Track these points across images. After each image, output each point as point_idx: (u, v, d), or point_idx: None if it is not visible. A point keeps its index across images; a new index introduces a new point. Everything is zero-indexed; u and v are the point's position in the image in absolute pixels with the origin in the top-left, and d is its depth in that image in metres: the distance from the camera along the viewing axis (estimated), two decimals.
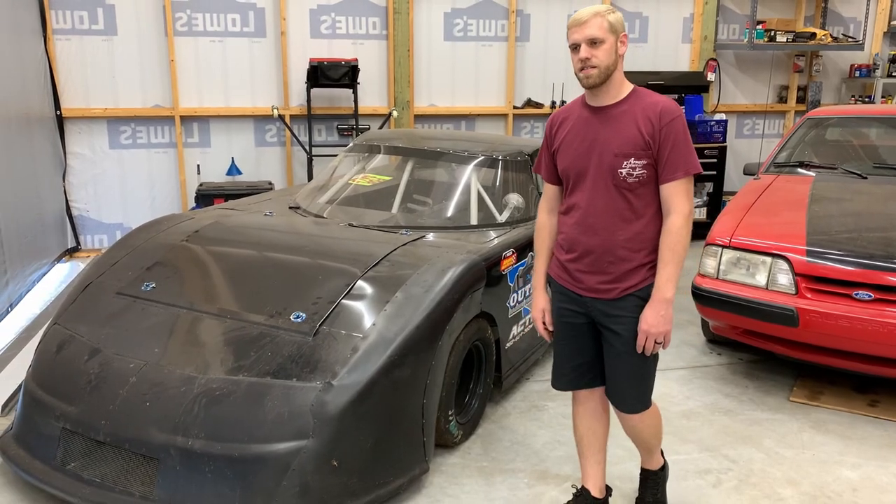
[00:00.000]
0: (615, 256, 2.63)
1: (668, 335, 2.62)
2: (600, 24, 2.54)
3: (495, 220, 4.20)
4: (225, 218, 4.21)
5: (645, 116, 2.56)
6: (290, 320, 3.19)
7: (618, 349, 2.70)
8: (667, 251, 2.57)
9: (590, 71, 2.55)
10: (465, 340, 3.47)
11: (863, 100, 8.73)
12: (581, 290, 2.73)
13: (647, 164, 2.55)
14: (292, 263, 3.63)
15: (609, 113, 2.62)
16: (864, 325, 3.77)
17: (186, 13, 6.98)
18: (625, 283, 2.65)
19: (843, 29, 8.78)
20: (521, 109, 7.94)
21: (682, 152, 2.54)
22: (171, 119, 7.11)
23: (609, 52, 2.54)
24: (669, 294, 2.57)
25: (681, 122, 2.56)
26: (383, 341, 3.05)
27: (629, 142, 2.56)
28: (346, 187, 4.69)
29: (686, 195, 2.57)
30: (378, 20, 7.43)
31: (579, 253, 2.70)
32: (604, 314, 2.70)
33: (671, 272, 2.56)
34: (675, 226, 2.55)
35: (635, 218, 2.61)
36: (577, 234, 2.70)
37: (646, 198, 2.60)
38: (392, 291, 3.28)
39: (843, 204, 4.63)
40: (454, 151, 4.53)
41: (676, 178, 2.55)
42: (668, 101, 2.60)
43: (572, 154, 2.68)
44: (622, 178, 2.57)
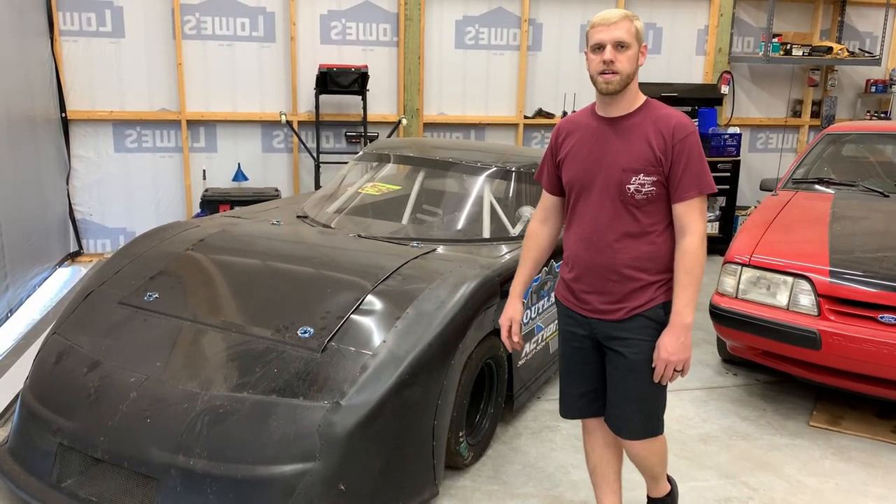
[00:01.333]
0: (619, 275, 2.51)
1: (687, 363, 2.50)
2: (629, 29, 2.43)
3: (508, 234, 4.09)
4: (231, 227, 4.10)
5: (657, 131, 2.44)
6: (297, 335, 3.08)
7: (621, 371, 2.57)
8: (684, 274, 2.44)
9: (611, 77, 2.43)
10: (477, 359, 3.35)
11: (878, 116, 8.61)
12: (586, 312, 2.61)
13: (657, 180, 2.43)
14: (300, 275, 3.52)
15: (620, 125, 2.50)
16: (889, 350, 3.65)
17: (195, 16, 6.89)
18: (631, 302, 2.52)
19: (860, 43, 8.67)
20: (531, 119, 7.84)
21: (696, 170, 2.42)
22: (178, 123, 7.02)
23: (632, 59, 2.44)
24: (689, 319, 2.44)
25: (695, 138, 2.44)
26: (394, 359, 2.93)
27: (639, 157, 2.44)
28: (355, 196, 4.58)
29: (701, 214, 2.45)
30: (389, 27, 7.34)
31: (581, 270, 2.59)
32: (609, 336, 2.58)
33: (690, 296, 2.43)
34: (692, 247, 2.43)
35: (642, 236, 2.49)
36: (580, 250, 2.59)
37: (654, 215, 2.48)
38: (403, 307, 3.16)
39: (865, 223, 4.51)
40: (466, 162, 4.42)
41: (690, 198, 2.43)
42: (682, 115, 2.48)
43: (578, 165, 2.57)
44: (630, 194, 2.44)
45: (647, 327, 2.52)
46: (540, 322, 4.02)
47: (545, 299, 4.05)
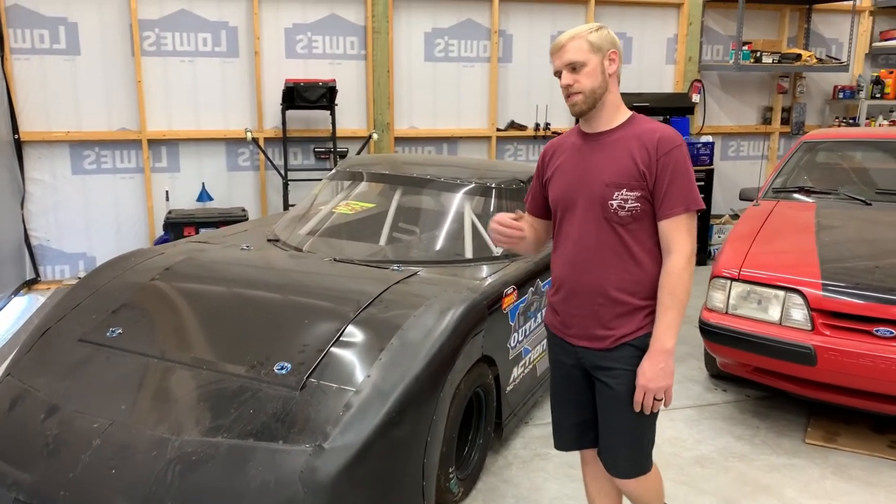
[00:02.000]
0: (606, 298, 2.36)
1: (668, 391, 2.35)
2: (578, 47, 2.30)
3: (491, 254, 3.92)
4: (198, 253, 3.87)
5: (640, 144, 2.30)
6: (273, 372, 2.86)
7: (610, 404, 2.43)
8: (666, 295, 2.29)
9: (574, 98, 2.33)
10: (465, 389, 3.17)
11: (847, 122, 8.65)
12: (571, 338, 2.47)
13: (641, 196, 2.29)
14: (274, 305, 3.31)
15: (603, 140, 2.38)
16: (887, 365, 3.55)
17: (155, 32, 6.65)
18: (618, 330, 2.37)
19: (826, 50, 8.72)
20: (504, 132, 7.70)
21: (682, 186, 2.27)
22: (138, 143, 6.74)
23: (593, 74, 2.30)
24: (669, 344, 2.30)
25: (681, 152, 2.29)
26: (379, 396, 2.73)
27: (622, 171, 2.31)
28: (329, 217, 4.37)
29: (687, 233, 2.30)
30: (356, 40, 7.16)
31: (567, 292, 2.45)
32: (595, 366, 2.43)
33: (671, 319, 2.29)
34: (676, 267, 2.28)
35: (629, 257, 2.34)
36: (566, 271, 2.45)
37: (641, 235, 2.34)
38: (387, 337, 2.97)
39: (852, 232, 4.43)
40: (445, 179, 4.25)
41: (676, 214, 2.28)
42: (668, 129, 2.35)
43: (563, 183, 2.44)
44: (613, 210, 2.31)
45: (634, 357, 2.37)
46: (527, 345, 3.85)
47: (532, 320, 3.88)
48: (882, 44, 8.67)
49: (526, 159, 7.93)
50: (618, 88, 2.39)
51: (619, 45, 2.39)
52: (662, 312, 2.30)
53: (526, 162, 7.85)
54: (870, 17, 8.74)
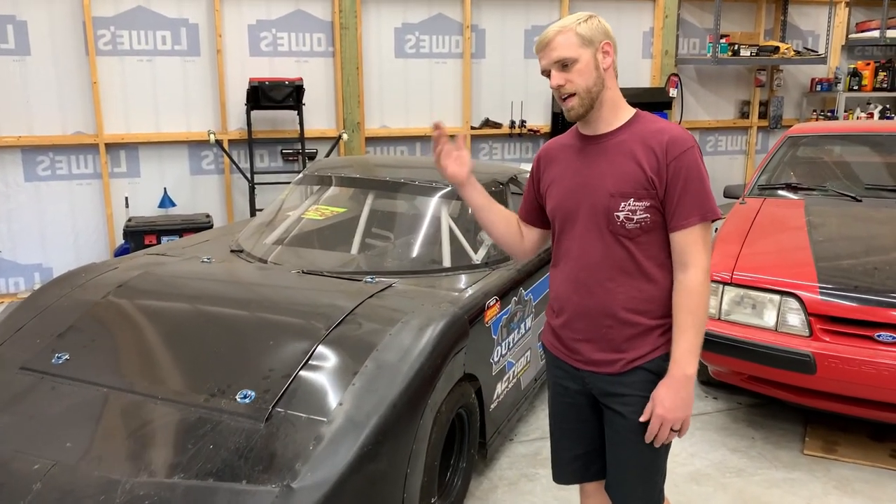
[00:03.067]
0: (616, 319, 2.12)
1: (686, 421, 2.10)
2: (567, 42, 2.05)
3: (471, 261, 3.68)
4: (155, 267, 3.58)
5: (647, 147, 2.06)
6: (235, 401, 2.59)
7: (621, 435, 2.18)
8: (685, 315, 2.05)
9: (569, 102, 2.08)
10: (447, 411, 2.92)
11: (825, 114, 8.53)
12: (578, 363, 2.22)
13: (651, 206, 2.05)
14: (237, 324, 3.04)
15: (604, 143, 2.13)
16: (891, 372, 3.36)
17: (110, 30, 6.30)
18: (630, 352, 2.13)
19: (802, 42, 8.58)
20: (478, 130, 7.46)
21: (696, 192, 2.03)
22: (95, 147, 6.40)
23: (586, 70, 2.05)
24: (691, 370, 2.05)
25: (693, 155, 2.05)
26: (353, 426, 2.47)
27: (628, 178, 2.07)
28: (296, 224, 4.10)
29: (704, 245, 2.06)
30: (323, 36, 6.87)
31: (570, 315, 2.20)
32: (605, 392, 2.19)
33: (692, 341, 2.04)
34: (694, 283, 2.04)
35: (639, 272, 2.11)
36: (567, 291, 2.20)
37: (651, 248, 2.10)
38: (361, 359, 2.71)
39: (846, 231, 4.25)
40: (419, 182, 3.99)
41: (690, 225, 2.04)
42: (679, 129, 2.10)
43: (562, 193, 2.19)
44: (619, 223, 2.07)
45: (648, 382, 2.13)
46: (511, 358, 3.62)
47: (515, 332, 3.65)
48: (859, 35, 8.56)
49: (501, 158, 7.70)
50: (616, 83, 2.13)
51: (612, 34, 2.12)
52: (681, 334, 2.05)
53: (502, 161, 7.62)
54: (846, 9, 8.63)
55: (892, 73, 8.40)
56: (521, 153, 7.75)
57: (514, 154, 7.73)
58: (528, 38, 7.50)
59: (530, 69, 7.55)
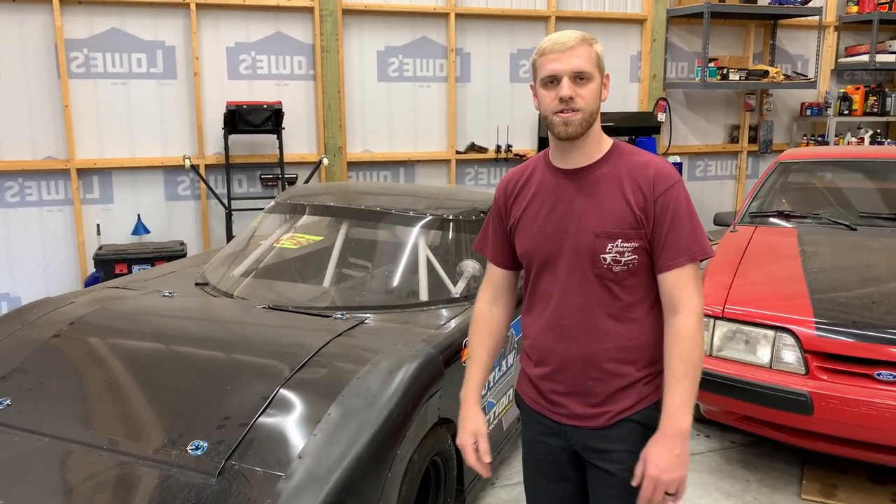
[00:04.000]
0: (602, 371, 1.94)
1: (682, 482, 1.87)
2: (589, 55, 1.87)
3: (449, 295, 3.48)
4: (113, 302, 3.37)
5: (633, 183, 1.90)
6: (186, 453, 2.38)
7: (610, 494, 1.98)
8: (678, 363, 1.85)
9: (572, 116, 1.87)
10: (420, 461, 2.71)
11: (815, 139, 8.42)
12: (560, 417, 2.02)
13: (639, 247, 1.89)
14: (195, 366, 2.83)
15: (585, 178, 1.95)
16: (892, 413, 3.18)
17: (83, 52, 6.12)
18: (616, 404, 1.95)
19: (792, 66, 8.50)
20: (464, 154, 7.30)
21: (685, 230, 1.87)
22: (67, 172, 6.18)
23: (595, 92, 1.90)
24: (685, 424, 1.84)
25: (680, 189, 1.90)
26: (313, 482, 2.26)
27: (614, 217, 1.89)
28: (267, 254, 3.90)
29: (695, 287, 1.89)
30: (304, 59, 6.71)
31: (553, 367, 2.00)
32: (589, 448, 1.99)
33: (686, 392, 1.84)
34: (687, 329, 1.86)
35: (625, 318, 1.93)
36: (548, 340, 2.00)
37: (638, 291, 1.93)
38: (324, 406, 2.51)
39: (841, 261, 4.08)
40: (396, 211, 3.80)
41: (680, 266, 1.87)
42: (662, 162, 1.94)
43: (536, 233, 2.00)
44: (606, 265, 1.90)
45: (637, 435, 1.94)
46: (491, 398, 3.41)
47: (496, 369, 3.45)
48: (848, 59, 8.48)
49: (487, 183, 7.53)
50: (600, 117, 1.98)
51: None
52: (674, 385, 1.85)
53: (487, 188, 7.45)
54: (835, 33, 8.56)
55: (882, 97, 8.32)
56: None
57: (500, 179, 7.56)
58: (514, 61, 7.37)
59: (516, 93, 7.41)
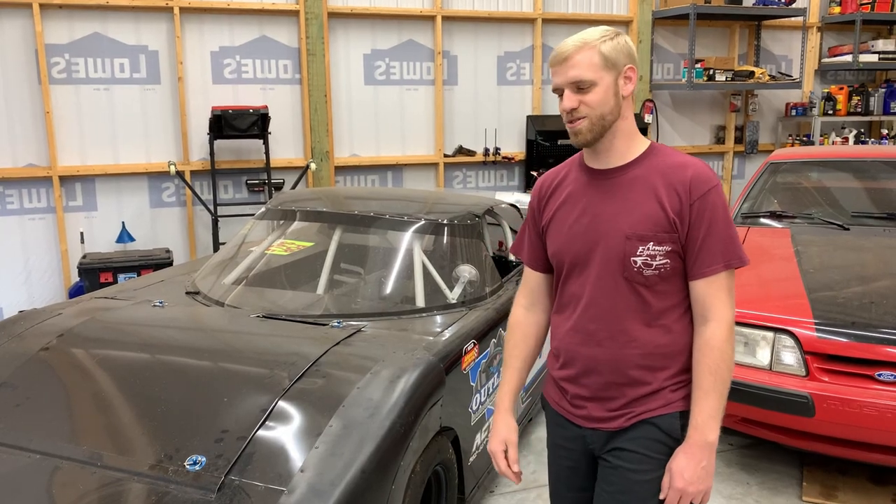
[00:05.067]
0: (627, 378, 1.90)
1: (707, 494, 1.87)
2: (588, 61, 1.82)
3: (446, 301, 3.43)
4: (102, 313, 3.29)
5: (668, 185, 1.84)
6: (184, 468, 2.31)
7: (611, 490, 1.93)
8: (706, 375, 1.82)
9: (578, 124, 1.84)
10: (422, 472, 2.65)
11: (800, 139, 8.46)
12: (581, 421, 1.98)
13: (672, 250, 1.84)
14: (190, 378, 2.75)
15: (617, 179, 1.90)
16: (893, 414, 3.16)
17: (65, 58, 6.02)
18: (638, 407, 1.91)
19: (776, 67, 8.54)
20: (452, 158, 7.25)
21: (721, 236, 1.82)
22: (49, 180, 6.07)
23: (603, 96, 1.83)
24: (713, 436, 1.83)
25: (718, 194, 1.84)
26: (316, 496, 2.19)
27: (647, 220, 1.84)
28: (258, 261, 3.83)
29: (728, 296, 1.85)
30: (290, 63, 6.64)
31: (578, 370, 1.96)
32: (604, 445, 1.96)
33: (714, 404, 1.82)
34: (717, 339, 1.82)
35: (655, 324, 1.88)
36: (574, 343, 1.96)
37: (669, 297, 1.88)
38: (325, 418, 2.44)
39: (836, 261, 4.07)
40: (391, 216, 3.75)
41: (714, 273, 1.82)
42: (701, 164, 1.88)
43: (566, 234, 1.95)
44: (636, 269, 1.85)
45: (655, 441, 1.89)
46: (490, 405, 3.36)
47: (495, 376, 3.40)
48: (831, 60, 8.53)
49: (476, 186, 7.49)
50: (633, 112, 1.92)
51: (636, 57, 1.92)
52: (702, 397, 1.82)
53: (477, 190, 7.42)
54: (818, 34, 8.61)
55: (865, 97, 8.37)
56: (496, 181, 7.56)
57: (488, 182, 7.53)
58: (501, 64, 7.34)
59: (504, 96, 7.38)
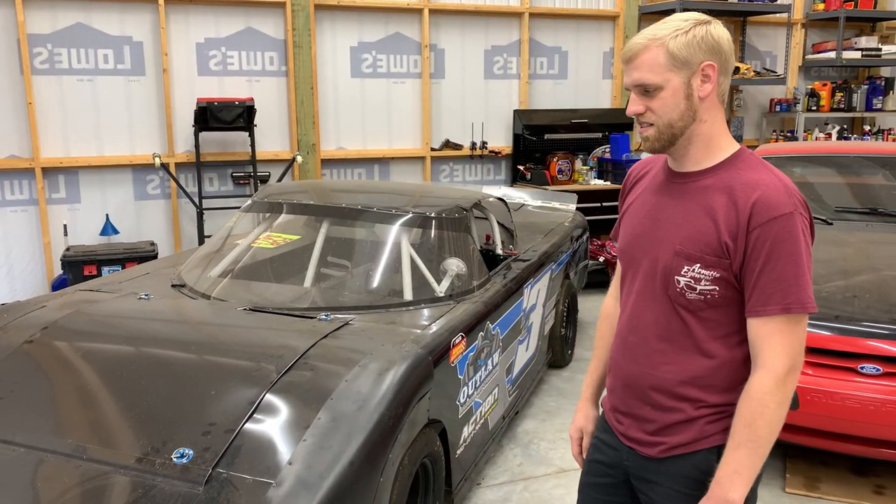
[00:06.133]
0: (656, 402, 1.78)
1: None
2: (653, 61, 1.64)
3: (434, 294, 3.43)
4: (87, 306, 3.26)
5: (731, 204, 1.64)
6: (171, 461, 2.30)
7: None
8: (740, 427, 1.62)
9: (645, 131, 1.71)
10: (410, 464, 2.66)
11: (784, 135, 8.53)
12: (621, 437, 1.89)
13: (721, 278, 1.65)
14: (176, 371, 2.74)
15: (687, 185, 1.73)
16: (875, 406, 3.20)
17: (47, 48, 5.95)
18: (672, 437, 1.77)
19: (761, 63, 8.59)
20: (439, 151, 7.25)
21: (781, 275, 1.60)
22: (31, 171, 6.01)
23: (672, 100, 1.66)
24: (734, 495, 1.62)
25: (791, 224, 1.59)
26: (304, 489, 2.20)
27: (698, 238, 1.67)
28: (245, 254, 3.82)
29: (784, 343, 1.61)
30: (276, 55, 6.60)
31: (615, 379, 1.90)
32: (639, 477, 1.86)
33: (742, 460, 1.62)
34: (759, 390, 1.61)
35: (697, 351, 1.72)
36: (615, 350, 1.89)
37: (718, 327, 1.70)
38: (313, 410, 2.44)
39: (820, 255, 4.10)
40: (379, 209, 3.74)
41: (767, 314, 1.61)
42: (778, 186, 1.62)
43: (630, 233, 1.86)
44: (679, 290, 1.70)
45: (688, 478, 1.75)
46: (478, 397, 3.37)
47: (482, 369, 3.41)
48: (815, 56, 8.60)
49: (463, 180, 7.49)
50: (718, 114, 1.71)
51: (725, 48, 1.66)
52: (732, 449, 1.63)
53: (464, 184, 7.42)
54: (802, 30, 8.67)
55: (848, 93, 8.44)
56: (483, 175, 7.56)
57: (475, 176, 7.53)
58: (488, 58, 7.34)
59: (491, 89, 7.38)
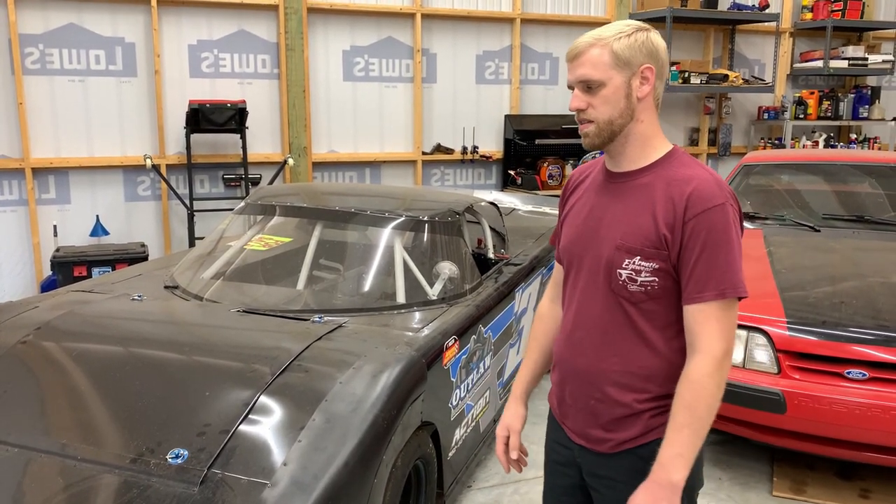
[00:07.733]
0: (603, 394, 1.83)
1: None
2: (597, 59, 1.73)
3: (427, 297, 3.45)
4: (80, 306, 3.26)
5: (667, 198, 1.72)
6: (166, 462, 2.31)
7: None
8: (681, 409, 1.68)
9: (585, 127, 1.77)
10: (403, 466, 2.67)
11: (772, 142, 8.61)
12: (570, 433, 1.94)
13: (660, 269, 1.73)
14: (170, 372, 2.74)
15: (624, 184, 1.81)
16: (861, 411, 3.25)
17: (39, 48, 5.94)
18: (620, 433, 1.83)
19: (749, 70, 8.68)
20: (430, 155, 7.28)
21: (716, 262, 1.67)
22: (21, 172, 5.99)
23: (613, 98, 1.73)
24: (677, 476, 1.66)
25: (722, 214, 1.68)
26: (299, 490, 2.21)
27: (637, 231, 1.75)
28: (237, 256, 3.82)
29: (719, 327, 1.68)
30: (268, 58, 6.61)
31: (561, 374, 1.94)
32: (592, 473, 1.91)
33: (685, 443, 1.66)
34: (698, 372, 1.67)
35: (640, 343, 1.79)
36: (561, 347, 1.94)
37: (659, 318, 1.77)
38: (308, 412, 2.45)
39: (807, 262, 4.17)
40: (372, 212, 3.76)
41: (703, 300, 1.68)
42: (709, 179, 1.72)
43: (572, 233, 1.91)
44: (621, 282, 1.76)
45: (637, 471, 1.76)
46: (470, 400, 3.39)
47: (474, 372, 3.43)
48: (803, 65, 8.69)
49: (454, 184, 7.52)
50: (653, 115, 1.79)
51: (661, 55, 1.77)
52: (673, 432, 1.67)
53: (455, 188, 7.45)
54: (790, 39, 8.76)
55: (835, 102, 8.54)
56: (474, 179, 7.60)
57: (466, 180, 7.57)
58: (480, 62, 7.38)
59: (482, 94, 7.43)
